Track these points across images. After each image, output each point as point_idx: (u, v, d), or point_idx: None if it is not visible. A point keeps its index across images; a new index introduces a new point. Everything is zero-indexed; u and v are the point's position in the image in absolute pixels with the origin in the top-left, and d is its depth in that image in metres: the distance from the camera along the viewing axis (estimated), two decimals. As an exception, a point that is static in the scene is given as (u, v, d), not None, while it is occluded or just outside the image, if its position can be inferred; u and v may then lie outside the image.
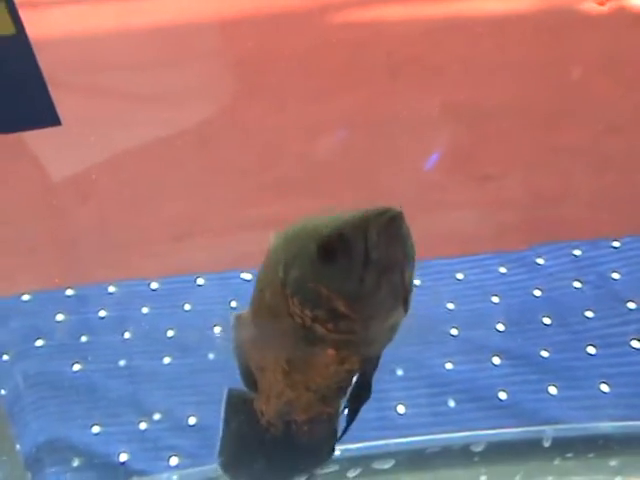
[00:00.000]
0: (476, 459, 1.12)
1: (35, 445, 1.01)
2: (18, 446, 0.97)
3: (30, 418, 1.04)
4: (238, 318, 0.65)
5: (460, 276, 1.44)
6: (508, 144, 1.55)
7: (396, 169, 1.49)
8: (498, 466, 1.13)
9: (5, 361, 1.09)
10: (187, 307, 1.27)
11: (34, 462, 0.99)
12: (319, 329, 0.56)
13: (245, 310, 0.65)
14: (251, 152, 1.46)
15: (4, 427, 0.97)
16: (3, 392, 0.99)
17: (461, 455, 1.12)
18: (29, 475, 0.98)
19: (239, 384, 0.69)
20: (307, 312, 0.55)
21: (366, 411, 1.23)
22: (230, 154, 1.45)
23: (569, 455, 1.13)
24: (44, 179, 1.30)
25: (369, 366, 0.64)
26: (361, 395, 0.64)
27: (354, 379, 0.65)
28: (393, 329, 0.61)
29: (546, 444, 1.13)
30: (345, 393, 0.67)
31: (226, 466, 0.70)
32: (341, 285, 0.54)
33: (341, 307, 0.54)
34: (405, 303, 0.58)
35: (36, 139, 1.17)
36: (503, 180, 1.55)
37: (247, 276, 1.34)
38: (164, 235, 1.31)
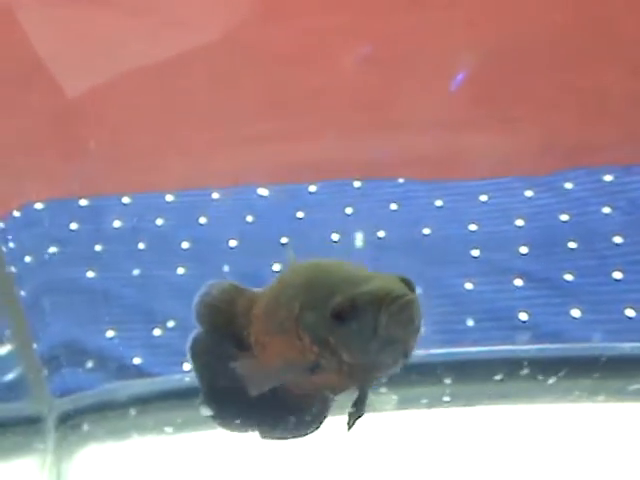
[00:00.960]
0: (496, 377, 1.10)
1: (51, 345, 1.02)
2: (35, 345, 0.98)
3: (47, 320, 1.04)
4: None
5: (484, 198, 1.40)
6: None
7: (417, 96, 1.44)
8: (517, 383, 1.11)
9: (25, 264, 1.09)
10: (202, 220, 1.27)
11: (50, 361, 1.00)
12: (322, 361, 0.61)
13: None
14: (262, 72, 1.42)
15: (22, 325, 0.98)
16: (23, 293, 0.99)
17: (479, 372, 1.11)
18: (45, 372, 0.99)
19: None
20: (314, 348, 0.61)
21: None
22: (240, 74, 1.41)
23: (596, 375, 1.10)
24: (58, 98, 1.29)
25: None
26: (357, 407, 0.66)
27: None
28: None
29: (565, 364, 1.11)
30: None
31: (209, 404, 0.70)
32: (348, 344, 0.59)
33: (345, 358, 0.60)
34: (405, 357, 0.62)
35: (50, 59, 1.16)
36: (526, 118, 1.50)
37: (263, 192, 1.32)
38: (179, 150, 1.29)
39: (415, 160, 1.44)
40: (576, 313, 1.18)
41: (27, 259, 1.00)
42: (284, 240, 1.25)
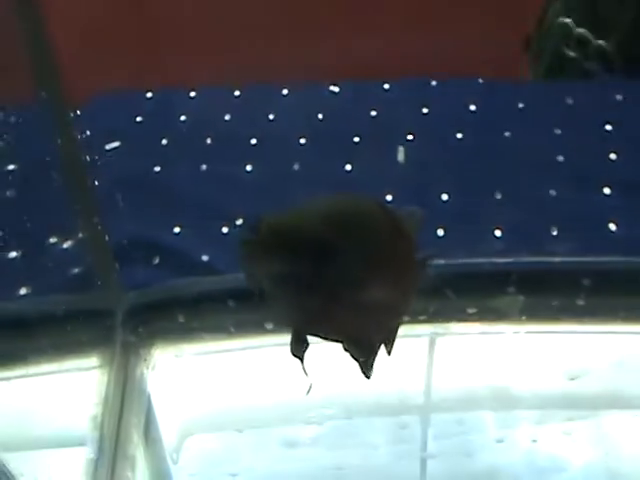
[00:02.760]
0: (580, 290, 1.04)
1: (121, 239, 0.99)
2: (107, 237, 0.95)
3: (117, 213, 1.01)
4: None
5: (570, 101, 1.31)
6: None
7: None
8: (602, 297, 1.05)
9: (100, 153, 1.05)
10: (271, 116, 1.21)
11: (120, 254, 0.98)
12: None
13: None
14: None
15: (94, 216, 0.95)
16: (97, 183, 0.96)
17: (564, 283, 1.04)
18: (117, 265, 0.97)
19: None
20: None
21: (462, 232, 1.19)
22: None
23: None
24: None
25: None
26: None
27: None
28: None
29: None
30: None
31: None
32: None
33: None
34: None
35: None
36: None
37: (335, 89, 1.25)
38: (247, 43, 1.22)
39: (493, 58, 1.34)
40: (670, 224, 1.10)
41: (99, 149, 0.96)
42: (357, 139, 1.19)
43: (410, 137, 1.19)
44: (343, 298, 0.56)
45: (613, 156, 1.20)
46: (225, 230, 1.05)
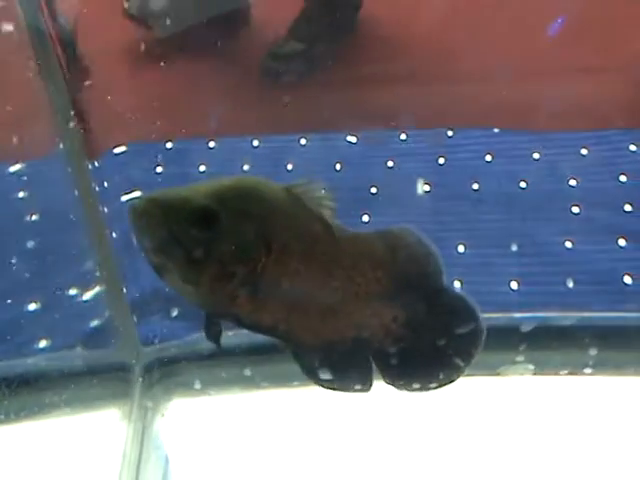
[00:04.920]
0: (587, 341, 1.03)
1: (140, 291, 0.99)
2: (125, 289, 0.95)
3: (135, 265, 1.01)
4: None
5: (585, 151, 1.31)
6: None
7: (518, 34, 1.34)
8: (612, 352, 1.04)
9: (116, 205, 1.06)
10: (290, 167, 1.21)
11: (139, 307, 0.98)
12: None
13: None
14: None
15: (112, 268, 0.95)
16: (115, 235, 0.96)
17: (572, 337, 1.04)
18: (134, 317, 0.97)
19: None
20: None
21: (479, 284, 1.18)
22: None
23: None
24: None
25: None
26: None
27: None
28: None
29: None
30: None
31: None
32: None
33: None
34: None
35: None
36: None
37: (352, 139, 1.26)
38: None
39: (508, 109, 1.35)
40: (685, 278, 1.10)
41: (117, 201, 0.97)
42: (374, 190, 1.20)
43: (427, 188, 1.21)
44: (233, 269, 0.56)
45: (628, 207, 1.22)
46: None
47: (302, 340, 0.60)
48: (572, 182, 1.25)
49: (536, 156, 1.28)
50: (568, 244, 1.16)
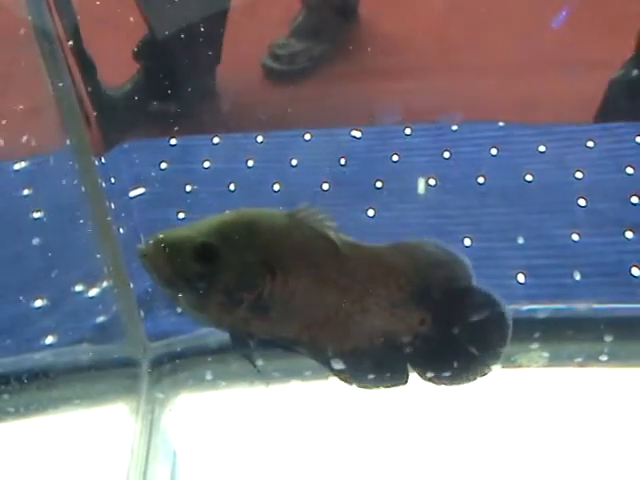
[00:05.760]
0: (601, 334, 1.03)
1: (147, 286, 1.00)
2: (132, 285, 0.96)
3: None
4: None
5: (591, 144, 1.31)
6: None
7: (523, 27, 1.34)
8: (624, 343, 1.04)
9: (123, 201, 1.06)
10: (294, 162, 1.21)
11: (146, 302, 0.98)
12: None
13: None
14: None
15: (120, 264, 0.96)
16: (122, 231, 0.97)
17: (586, 329, 1.03)
18: (141, 313, 0.97)
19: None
20: None
21: (485, 278, 1.18)
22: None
23: None
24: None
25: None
26: None
27: None
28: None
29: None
30: None
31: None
32: None
33: None
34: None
35: None
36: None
37: (357, 134, 1.26)
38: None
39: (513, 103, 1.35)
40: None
41: (124, 197, 0.98)
42: (379, 184, 1.20)
43: (432, 182, 1.20)
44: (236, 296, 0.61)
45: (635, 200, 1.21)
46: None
47: (328, 348, 0.65)
48: (578, 174, 1.24)
49: (542, 149, 1.28)
50: (575, 236, 1.16)
